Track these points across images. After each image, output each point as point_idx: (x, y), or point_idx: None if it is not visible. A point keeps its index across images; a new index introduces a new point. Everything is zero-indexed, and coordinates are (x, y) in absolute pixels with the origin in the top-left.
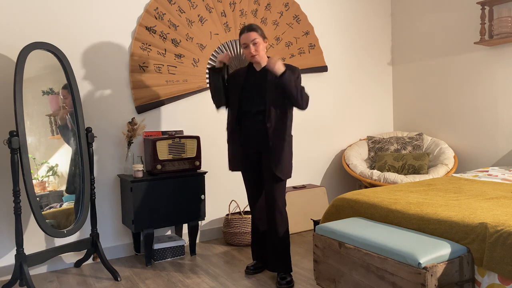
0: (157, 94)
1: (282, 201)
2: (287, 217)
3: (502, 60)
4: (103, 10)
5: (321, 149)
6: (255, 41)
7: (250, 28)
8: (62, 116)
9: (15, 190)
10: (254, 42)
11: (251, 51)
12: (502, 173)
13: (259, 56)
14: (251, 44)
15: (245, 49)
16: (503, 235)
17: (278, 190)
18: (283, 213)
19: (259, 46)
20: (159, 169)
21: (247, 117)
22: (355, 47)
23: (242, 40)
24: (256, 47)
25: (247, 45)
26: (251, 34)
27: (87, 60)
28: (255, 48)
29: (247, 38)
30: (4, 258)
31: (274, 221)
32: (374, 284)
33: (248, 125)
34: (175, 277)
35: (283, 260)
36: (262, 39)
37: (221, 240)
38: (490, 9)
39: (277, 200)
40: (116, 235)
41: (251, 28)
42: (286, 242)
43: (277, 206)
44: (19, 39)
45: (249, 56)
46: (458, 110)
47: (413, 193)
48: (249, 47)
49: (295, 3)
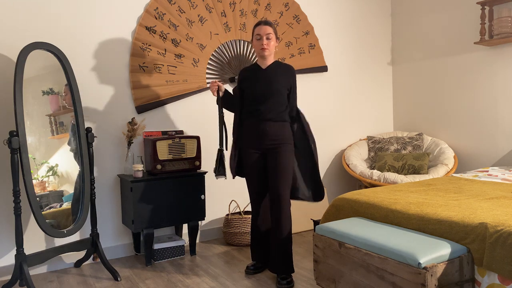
0: (157, 94)
1: (286, 199)
2: (291, 217)
3: (502, 60)
4: (103, 10)
5: (321, 149)
6: (269, 36)
7: (267, 22)
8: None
9: (15, 190)
10: (268, 36)
11: (263, 43)
12: (502, 173)
13: (268, 51)
14: (264, 37)
15: (258, 41)
16: (503, 235)
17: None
18: (288, 211)
19: (271, 41)
20: (159, 169)
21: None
22: (355, 47)
23: (257, 31)
24: (268, 41)
25: (260, 36)
26: (267, 28)
27: (87, 60)
28: (267, 42)
29: (263, 30)
30: (4, 258)
31: (279, 220)
32: (374, 284)
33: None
34: (175, 277)
35: (286, 261)
36: (275, 37)
37: (221, 240)
38: (490, 9)
39: (282, 196)
40: (116, 235)
41: (268, 22)
42: (290, 243)
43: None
44: (19, 39)
45: (259, 48)
46: (458, 110)
47: (413, 193)
48: (262, 39)
49: (295, 3)
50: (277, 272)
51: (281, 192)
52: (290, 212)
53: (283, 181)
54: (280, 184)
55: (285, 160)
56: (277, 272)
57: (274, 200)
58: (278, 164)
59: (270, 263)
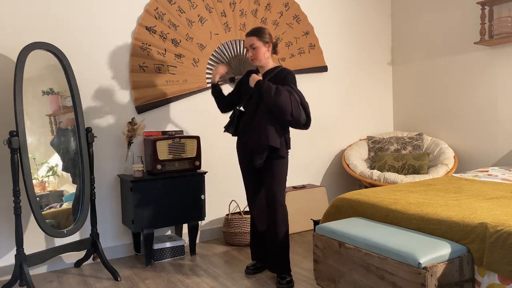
0: (157, 94)
1: (281, 198)
2: (287, 216)
3: (502, 60)
4: (103, 10)
5: (321, 149)
6: (253, 46)
7: (251, 33)
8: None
9: (15, 190)
10: (252, 46)
11: (249, 55)
12: (502, 173)
13: (257, 60)
14: (250, 48)
15: (247, 51)
16: (503, 235)
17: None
18: (283, 211)
19: (258, 50)
20: (159, 169)
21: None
22: (355, 47)
23: (245, 43)
24: (255, 51)
25: (247, 48)
26: (250, 39)
27: (87, 60)
28: (252, 52)
29: (247, 42)
30: (4, 258)
31: (275, 220)
32: (374, 284)
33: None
34: (175, 277)
35: (282, 261)
36: (263, 43)
37: (221, 240)
38: (490, 9)
39: (277, 199)
40: (116, 235)
41: (252, 32)
42: (286, 242)
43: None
44: (19, 39)
45: (249, 59)
46: (458, 110)
47: (413, 193)
48: (249, 50)
49: (295, 3)
50: (273, 271)
51: (276, 196)
52: (287, 214)
53: (277, 184)
54: (274, 187)
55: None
56: (273, 271)
57: (269, 203)
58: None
59: (267, 262)
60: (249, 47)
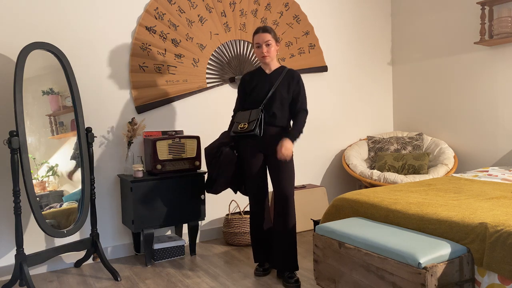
0: (157, 94)
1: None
2: (295, 214)
3: (502, 60)
4: (103, 10)
5: (321, 149)
6: (268, 42)
7: (265, 29)
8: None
9: (15, 190)
10: (267, 43)
11: (263, 51)
12: (502, 173)
13: (269, 58)
14: (264, 44)
15: (258, 49)
16: (503, 235)
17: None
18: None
19: (271, 48)
20: (159, 169)
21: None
22: (355, 47)
23: (256, 39)
24: (268, 48)
25: (260, 45)
26: (266, 35)
27: (87, 60)
28: (267, 49)
29: (261, 38)
30: (4, 258)
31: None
32: (374, 284)
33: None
34: (175, 277)
35: (291, 258)
36: (275, 41)
37: (221, 240)
38: (490, 9)
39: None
40: (116, 235)
41: (266, 29)
42: (295, 238)
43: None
44: (19, 39)
45: (260, 56)
46: (458, 110)
47: (413, 193)
48: (262, 47)
49: (295, 3)
50: (281, 268)
51: (287, 191)
52: (295, 210)
53: (290, 180)
54: (284, 183)
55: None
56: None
57: (281, 198)
58: (280, 165)
59: (274, 260)
60: (263, 44)
